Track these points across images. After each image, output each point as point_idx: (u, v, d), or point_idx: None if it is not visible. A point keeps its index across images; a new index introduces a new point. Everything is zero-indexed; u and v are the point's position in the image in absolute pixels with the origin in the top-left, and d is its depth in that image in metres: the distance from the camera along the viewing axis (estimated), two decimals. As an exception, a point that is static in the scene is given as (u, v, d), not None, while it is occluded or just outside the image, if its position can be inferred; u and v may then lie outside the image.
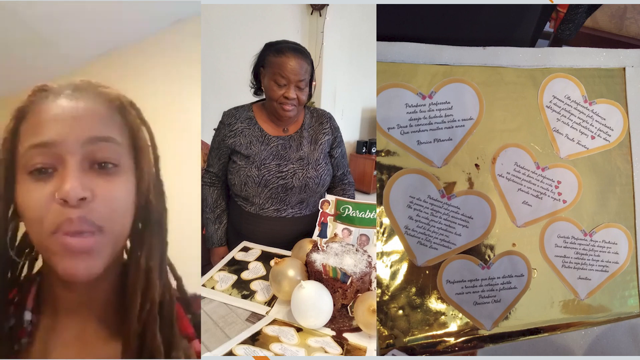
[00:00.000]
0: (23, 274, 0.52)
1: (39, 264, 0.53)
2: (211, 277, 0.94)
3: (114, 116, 0.51)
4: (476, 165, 0.74)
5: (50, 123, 0.47)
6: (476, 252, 0.74)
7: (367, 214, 1.01)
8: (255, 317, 0.80)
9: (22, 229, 0.50)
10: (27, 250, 0.52)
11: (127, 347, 0.49)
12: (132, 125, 0.53)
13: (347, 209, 1.03)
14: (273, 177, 1.14)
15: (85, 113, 0.48)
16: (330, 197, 1.05)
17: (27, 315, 0.49)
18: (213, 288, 0.90)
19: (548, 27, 1.36)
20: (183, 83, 1.83)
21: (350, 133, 4.40)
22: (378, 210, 0.70)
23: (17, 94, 0.51)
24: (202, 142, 1.77)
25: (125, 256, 0.54)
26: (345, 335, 0.75)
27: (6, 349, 0.47)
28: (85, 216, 0.45)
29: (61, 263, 0.45)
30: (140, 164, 0.52)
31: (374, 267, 0.82)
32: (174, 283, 0.55)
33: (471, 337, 0.74)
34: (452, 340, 0.73)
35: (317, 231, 1.02)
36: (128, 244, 0.52)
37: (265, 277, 0.94)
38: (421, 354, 0.71)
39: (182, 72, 1.85)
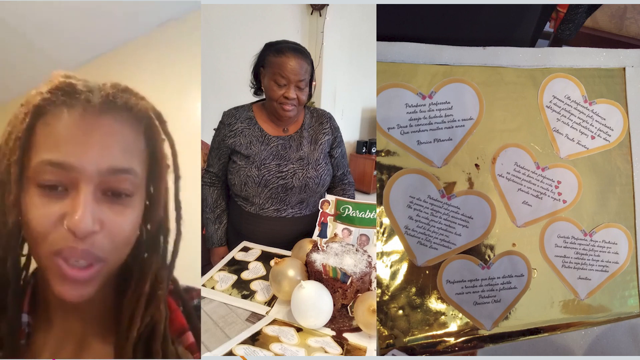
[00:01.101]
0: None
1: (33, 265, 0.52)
2: (211, 277, 0.94)
3: (139, 139, 0.49)
4: (476, 165, 0.74)
5: (71, 141, 0.44)
6: (476, 252, 0.74)
7: (367, 214, 1.01)
8: (255, 317, 0.80)
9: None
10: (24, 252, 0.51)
11: (121, 353, 0.48)
12: (154, 148, 0.51)
13: (347, 209, 1.03)
14: (273, 177, 1.14)
15: (111, 138, 0.45)
16: (330, 197, 1.05)
17: (25, 318, 0.48)
18: (213, 288, 0.90)
19: (548, 27, 1.36)
20: (183, 83, 1.83)
21: (350, 133, 4.40)
22: (378, 210, 0.70)
23: (7, 102, 0.49)
24: (202, 142, 1.77)
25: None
26: (345, 335, 0.75)
27: (9, 350, 0.47)
28: (90, 249, 0.44)
29: (56, 285, 0.44)
30: (156, 191, 0.51)
31: (374, 267, 0.82)
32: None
33: (471, 337, 0.73)
34: (452, 340, 0.73)
35: (317, 231, 1.02)
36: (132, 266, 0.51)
37: (265, 277, 0.94)
38: (421, 354, 0.71)
39: (182, 72, 1.85)
